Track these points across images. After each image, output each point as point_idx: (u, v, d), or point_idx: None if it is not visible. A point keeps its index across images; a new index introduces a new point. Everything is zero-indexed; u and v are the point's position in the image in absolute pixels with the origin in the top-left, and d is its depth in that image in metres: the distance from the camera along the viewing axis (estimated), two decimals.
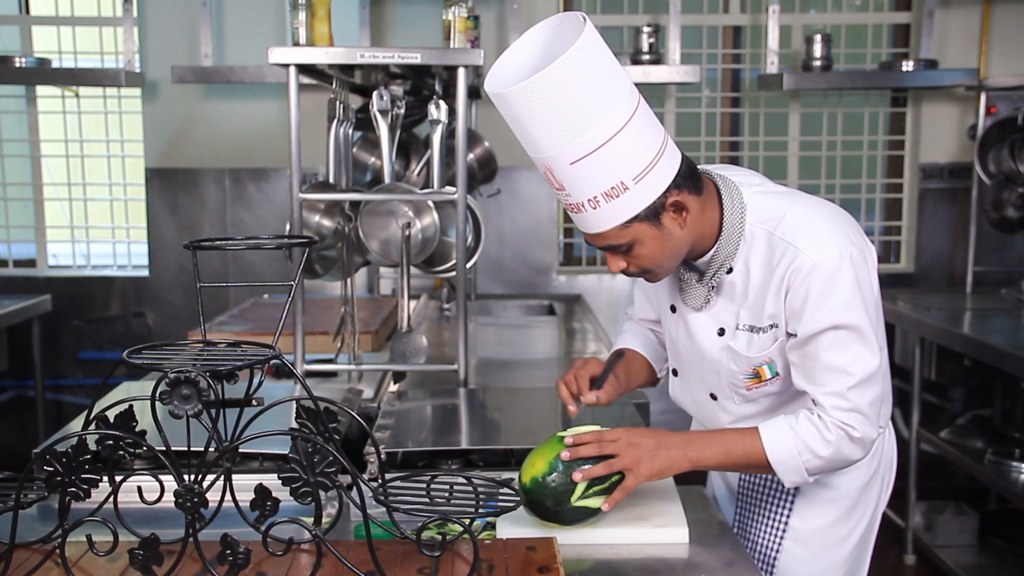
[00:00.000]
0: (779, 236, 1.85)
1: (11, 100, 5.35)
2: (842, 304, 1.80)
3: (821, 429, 1.82)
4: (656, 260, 1.84)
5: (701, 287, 1.94)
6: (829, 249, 1.81)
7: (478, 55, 2.67)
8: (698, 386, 2.06)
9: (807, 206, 1.89)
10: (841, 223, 1.87)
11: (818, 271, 1.80)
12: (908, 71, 4.88)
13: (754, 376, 1.94)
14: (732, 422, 2.02)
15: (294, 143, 2.61)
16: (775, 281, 1.85)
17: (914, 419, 4.44)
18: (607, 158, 1.71)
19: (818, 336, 1.81)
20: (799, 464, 1.83)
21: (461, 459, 2.22)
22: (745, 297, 1.91)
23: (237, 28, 5.07)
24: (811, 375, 1.84)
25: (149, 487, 1.60)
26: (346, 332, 2.96)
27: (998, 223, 4.75)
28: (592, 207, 1.75)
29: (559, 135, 1.70)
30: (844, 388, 1.81)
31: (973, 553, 4.28)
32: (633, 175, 1.73)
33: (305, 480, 1.49)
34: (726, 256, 1.89)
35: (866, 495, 2.07)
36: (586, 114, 1.68)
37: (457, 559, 1.63)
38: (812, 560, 2.04)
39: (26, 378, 5.04)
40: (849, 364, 1.81)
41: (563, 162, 1.72)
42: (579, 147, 1.70)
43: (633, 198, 1.75)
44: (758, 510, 2.10)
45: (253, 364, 1.50)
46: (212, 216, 5.20)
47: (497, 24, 5.07)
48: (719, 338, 1.95)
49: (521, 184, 5.21)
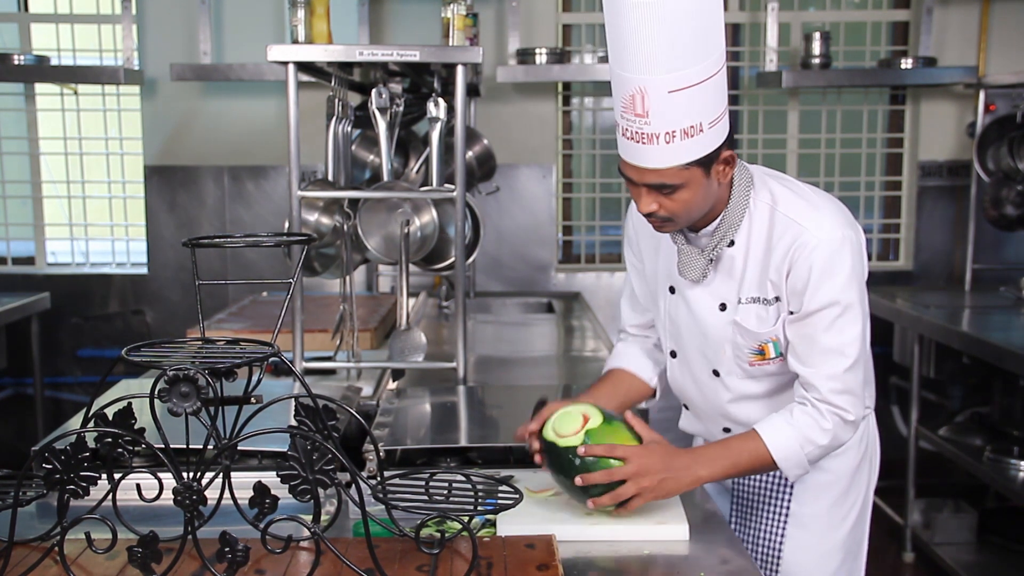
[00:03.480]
0: (782, 212, 1.90)
1: (10, 98, 5.35)
2: (842, 283, 1.86)
3: (817, 419, 1.90)
4: (689, 207, 1.86)
5: (701, 258, 1.96)
6: (833, 229, 1.87)
7: (477, 53, 2.67)
8: (700, 364, 2.09)
9: (807, 190, 1.97)
10: (840, 208, 1.95)
11: (821, 249, 1.86)
12: (907, 69, 4.88)
13: (759, 352, 1.98)
14: (732, 400, 2.07)
15: (293, 141, 2.61)
16: (776, 256, 1.90)
17: (913, 416, 4.44)
18: (699, 97, 1.73)
19: (817, 313, 1.87)
20: (802, 457, 1.91)
21: (460, 457, 2.22)
22: (744, 272, 1.95)
23: (236, 26, 5.07)
24: (807, 357, 1.90)
25: (148, 485, 1.60)
26: (345, 330, 2.96)
27: (997, 221, 4.75)
28: (666, 141, 1.75)
29: (672, 59, 1.69)
30: (840, 370, 1.88)
31: (972, 551, 4.28)
32: (710, 120, 1.77)
33: (304, 478, 1.49)
34: (730, 226, 1.93)
35: (858, 477, 2.15)
36: (701, 46, 1.71)
37: (456, 557, 1.63)
38: (816, 543, 2.11)
39: (25, 376, 5.04)
40: (846, 346, 1.88)
41: (663, 88, 1.71)
42: (684, 77, 1.71)
43: (703, 141, 1.78)
44: (756, 500, 2.16)
45: (252, 362, 1.50)
46: (211, 214, 5.19)
47: (496, 22, 5.06)
48: (722, 313, 1.99)
49: (520, 182, 5.21)
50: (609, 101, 5.44)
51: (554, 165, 5.25)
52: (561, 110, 5.36)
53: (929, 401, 4.83)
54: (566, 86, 5.35)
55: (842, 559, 2.14)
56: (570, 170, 5.46)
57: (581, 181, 5.45)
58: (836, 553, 2.13)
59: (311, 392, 1.54)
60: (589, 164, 5.45)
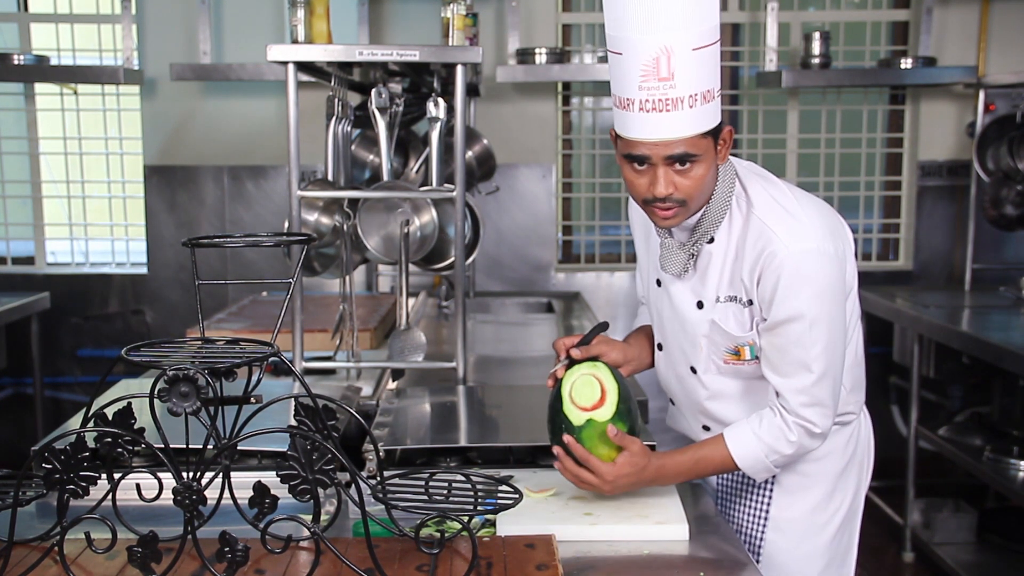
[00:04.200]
0: (757, 216, 1.89)
1: (10, 98, 5.35)
2: (809, 296, 1.84)
3: (784, 431, 1.91)
4: (702, 186, 1.85)
5: (682, 253, 1.96)
6: (804, 240, 1.85)
7: (476, 52, 2.67)
8: (680, 359, 2.09)
9: (789, 196, 1.93)
10: (821, 216, 1.91)
11: (790, 260, 1.83)
12: (907, 68, 4.88)
13: (734, 352, 1.98)
14: (708, 398, 2.06)
15: (293, 140, 2.61)
16: (748, 261, 1.89)
17: (912, 416, 4.44)
18: (712, 59, 1.77)
19: (785, 325, 1.86)
20: (767, 464, 1.94)
21: (460, 457, 2.22)
22: (722, 270, 1.94)
23: (236, 26, 5.07)
24: (777, 366, 1.91)
25: (148, 484, 1.60)
26: (345, 329, 2.96)
27: (996, 220, 4.75)
28: (690, 105, 1.76)
29: (694, 14, 1.72)
30: (807, 384, 1.88)
31: (971, 551, 4.28)
32: (717, 88, 1.80)
33: (304, 478, 1.49)
34: (711, 223, 1.92)
35: (844, 480, 2.12)
36: (709, 4, 1.75)
37: (456, 556, 1.63)
38: (795, 547, 2.09)
39: (25, 375, 5.04)
40: (814, 361, 1.87)
41: (687, 45, 1.73)
42: (704, 34, 1.74)
43: (714, 109, 1.80)
44: (739, 501, 2.15)
45: (252, 361, 1.50)
46: (211, 214, 5.19)
47: (496, 21, 5.06)
48: (699, 311, 1.99)
49: (520, 181, 5.21)
50: (609, 101, 5.43)
51: (554, 165, 5.25)
52: (561, 110, 5.36)
53: (929, 401, 4.83)
54: (566, 86, 5.35)
55: (826, 563, 2.11)
56: (570, 170, 5.46)
57: (581, 181, 5.45)
58: (819, 557, 2.10)
59: (311, 392, 1.54)
60: (589, 164, 5.45)
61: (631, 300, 5.25)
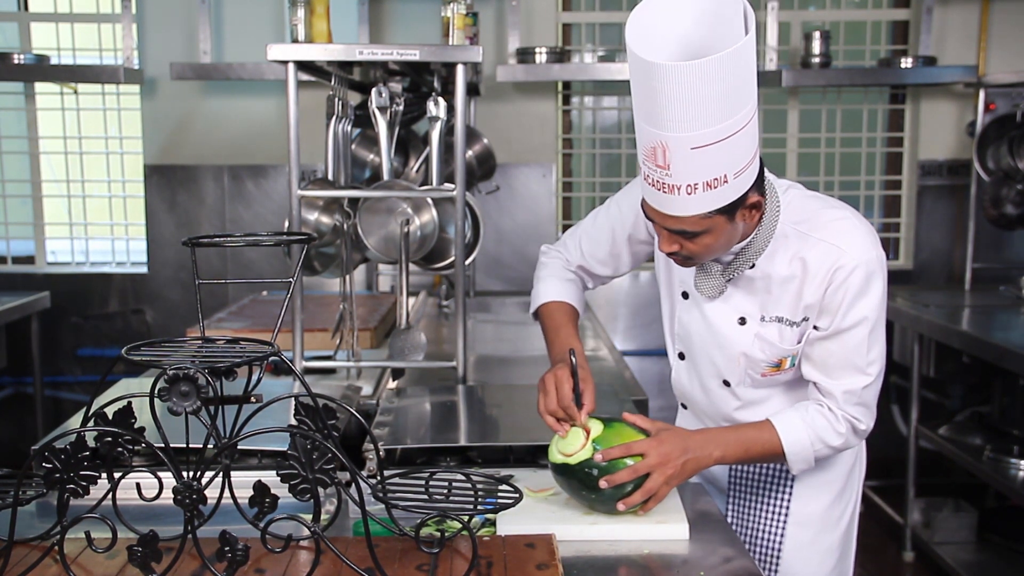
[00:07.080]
0: (817, 237, 1.90)
1: (10, 97, 5.35)
2: (875, 303, 1.90)
3: (832, 422, 1.95)
4: (713, 250, 1.85)
5: (720, 278, 1.97)
6: (869, 251, 1.89)
7: (477, 52, 2.67)
8: (709, 372, 2.10)
9: (839, 211, 1.95)
10: (871, 230, 1.96)
11: (860, 270, 1.88)
12: (907, 68, 4.88)
13: (775, 365, 2.00)
14: (739, 408, 2.09)
15: (293, 140, 2.61)
16: (814, 278, 1.90)
17: (913, 416, 4.44)
18: (724, 150, 1.69)
19: (850, 331, 1.90)
20: (811, 455, 1.96)
21: (460, 456, 2.22)
22: (768, 292, 1.95)
23: (236, 25, 5.07)
24: (830, 369, 1.94)
25: (148, 484, 1.60)
26: (345, 329, 2.96)
27: (997, 220, 4.75)
28: (688, 192, 1.72)
29: (695, 118, 1.64)
30: (860, 386, 1.93)
31: (972, 550, 4.28)
32: (735, 170, 1.73)
33: (304, 477, 1.49)
34: (754, 252, 1.93)
35: (852, 476, 2.18)
36: (728, 104, 1.64)
37: (456, 556, 1.63)
38: (815, 541, 2.13)
39: (25, 375, 5.04)
40: (871, 364, 1.93)
41: (684, 145, 1.67)
42: (709, 134, 1.66)
43: (727, 191, 1.74)
44: (755, 499, 2.17)
45: (252, 361, 1.49)
46: (211, 213, 5.19)
47: (496, 21, 5.06)
48: (741, 327, 2.00)
49: (520, 181, 5.21)
50: (609, 101, 5.45)
51: (554, 164, 5.25)
52: (561, 109, 5.36)
53: (929, 400, 4.84)
54: (566, 85, 5.35)
55: (838, 558, 2.16)
56: (570, 169, 5.46)
57: (581, 180, 5.45)
58: (833, 551, 2.16)
59: (311, 391, 1.54)
60: (589, 163, 5.45)
61: (631, 299, 5.25)
